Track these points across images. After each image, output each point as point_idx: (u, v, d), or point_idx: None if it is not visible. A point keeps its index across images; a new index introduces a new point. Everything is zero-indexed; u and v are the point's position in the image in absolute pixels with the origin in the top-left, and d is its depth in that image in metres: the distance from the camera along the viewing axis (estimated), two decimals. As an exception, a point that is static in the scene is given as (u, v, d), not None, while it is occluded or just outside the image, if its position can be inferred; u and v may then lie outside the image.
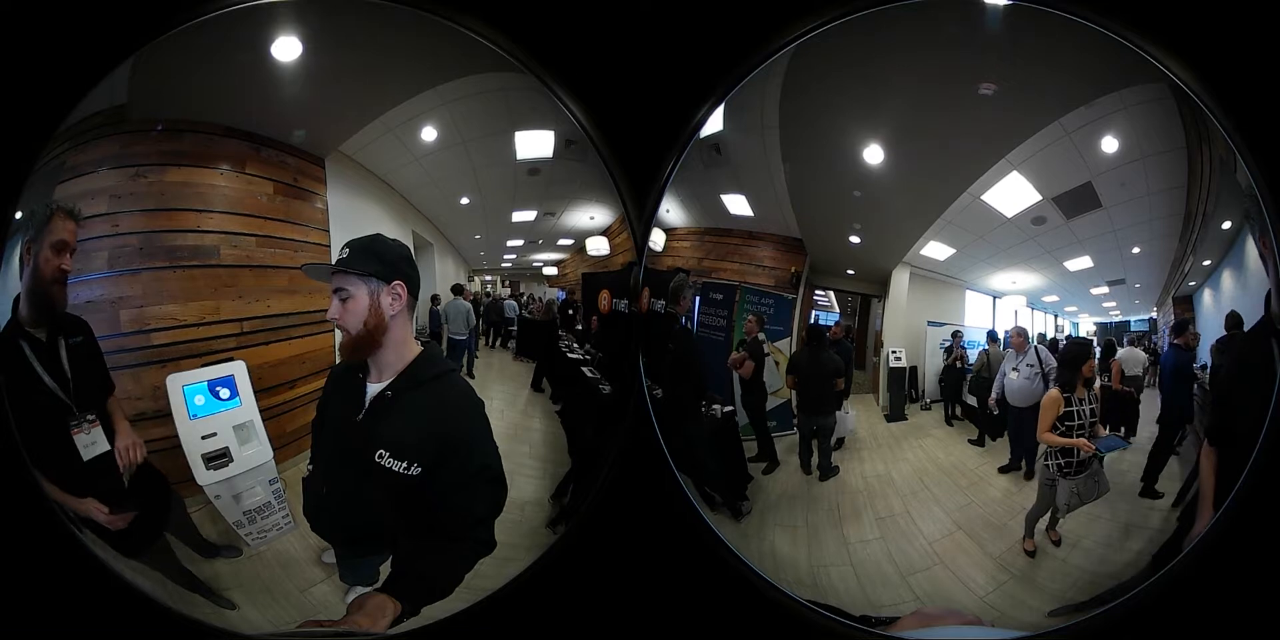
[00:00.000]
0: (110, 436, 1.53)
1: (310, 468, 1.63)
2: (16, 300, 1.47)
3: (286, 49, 1.51)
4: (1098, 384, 1.64)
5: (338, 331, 1.57)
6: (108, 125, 1.48)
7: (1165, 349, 1.58)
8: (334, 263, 1.54)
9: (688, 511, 1.65)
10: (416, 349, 1.61)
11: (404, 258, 1.60)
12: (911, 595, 1.58)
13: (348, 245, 1.55)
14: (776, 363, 1.82)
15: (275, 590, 1.57)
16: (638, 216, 1.71)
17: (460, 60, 1.63)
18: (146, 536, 1.56)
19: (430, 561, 1.57)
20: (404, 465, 1.51)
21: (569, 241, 1.83)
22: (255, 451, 1.59)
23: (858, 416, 1.79)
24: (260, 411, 1.58)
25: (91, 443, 1.52)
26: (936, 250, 1.65)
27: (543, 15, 1.63)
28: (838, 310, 1.80)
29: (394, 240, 1.60)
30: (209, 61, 1.53)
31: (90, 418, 1.52)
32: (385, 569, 1.57)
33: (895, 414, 1.79)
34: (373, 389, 1.58)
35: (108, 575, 1.52)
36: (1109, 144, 1.48)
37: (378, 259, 1.55)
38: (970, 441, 1.70)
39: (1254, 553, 1.47)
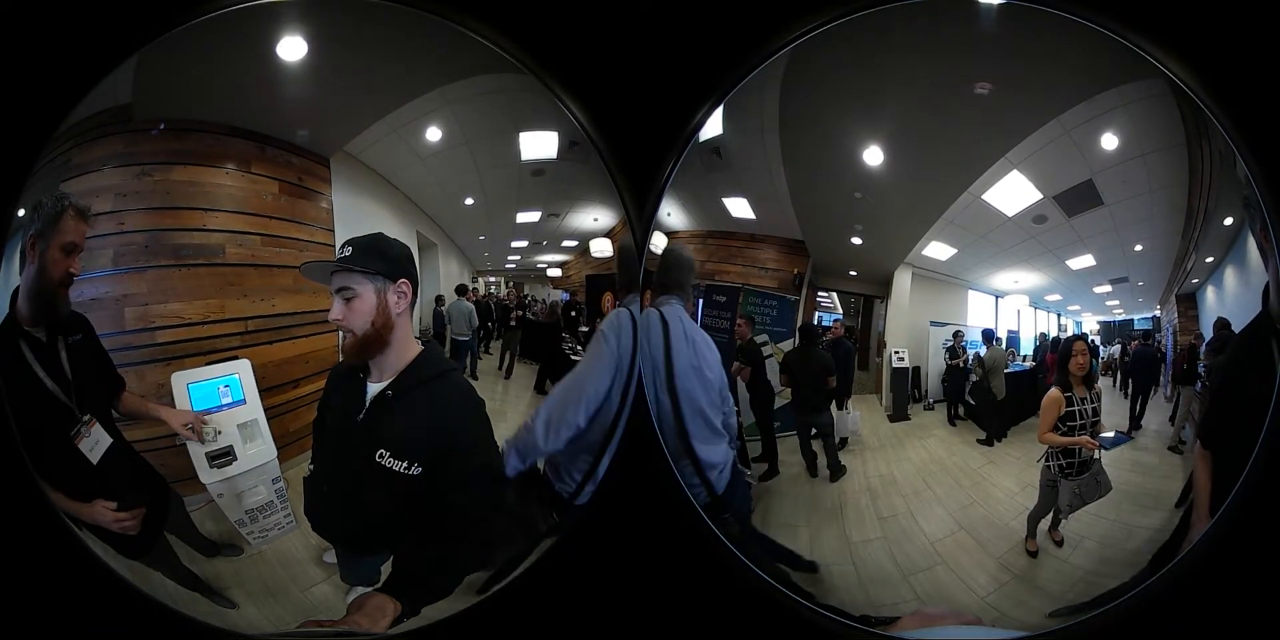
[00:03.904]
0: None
1: (311, 468, 1.62)
2: (14, 297, 1.46)
3: (291, 49, 1.51)
4: (1100, 384, 1.64)
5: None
6: (112, 124, 1.48)
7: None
8: (336, 261, 1.53)
9: (688, 511, 1.64)
10: (417, 348, 1.60)
11: (407, 256, 1.59)
12: (913, 595, 1.57)
13: (350, 243, 1.54)
14: (779, 363, 1.82)
15: (276, 590, 1.58)
16: (638, 218, 1.71)
17: (463, 61, 1.62)
18: (148, 538, 1.56)
19: (431, 562, 1.56)
20: (405, 465, 1.50)
21: (573, 243, 1.82)
22: (259, 450, 1.60)
23: (861, 417, 1.79)
24: (264, 410, 1.59)
25: (95, 444, 1.51)
26: (938, 250, 1.65)
27: (543, 16, 1.63)
28: (840, 311, 1.80)
29: (395, 239, 1.59)
30: (213, 61, 1.53)
31: (86, 418, 1.50)
32: (386, 569, 1.56)
33: (898, 414, 1.79)
34: (373, 388, 1.57)
35: (106, 575, 1.52)
36: (1109, 141, 1.47)
37: (382, 257, 1.54)
38: (979, 441, 1.69)
39: (1254, 554, 1.46)
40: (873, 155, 1.57)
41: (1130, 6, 1.46)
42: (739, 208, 1.73)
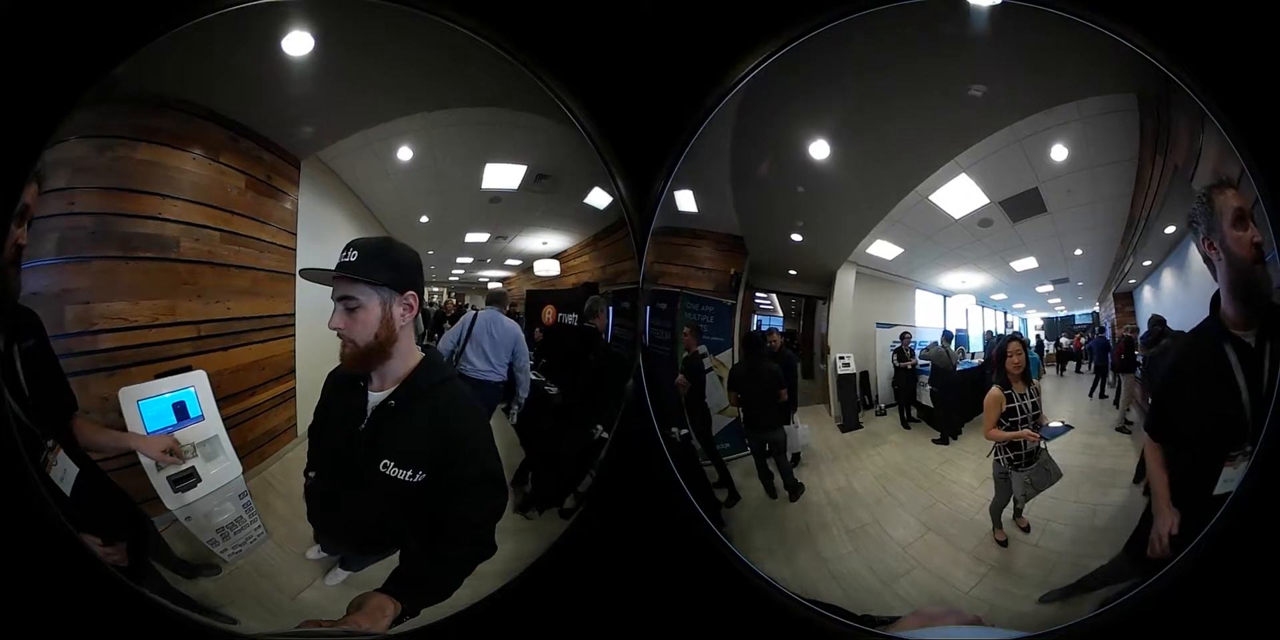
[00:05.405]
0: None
1: (311, 475, 1.57)
2: None
3: (295, 45, 1.49)
4: (1038, 380, 1.69)
5: (298, 335, 1.55)
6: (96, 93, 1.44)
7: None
8: (339, 267, 1.47)
9: (686, 510, 1.64)
10: (419, 355, 1.57)
11: (416, 265, 1.56)
12: (900, 601, 1.56)
13: (355, 247, 1.49)
14: (720, 377, 1.79)
15: (266, 601, 1.51)
16: (638, 217, 1.71)
17: (455, 71, 1.64)
18: (140, 567, 1.48)
19: (431, 564, 1.53)
20: (409, 474, 1.48)
21: (518, 262, 1.82)
22: (222, 469, 1.51)
23: (811, 430, 1.78)
24: (223, 420, 1.50)
25: (64, 473, 1.41)
26: (884, 249, 1.66)
27: (545, 18, 1.65)
28: (780, 314, 1.79)
29: (403, 244, 1.56)
30: (213, 49, 1.50)
31: (50, 445, 1.39)
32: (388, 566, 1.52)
33: (849, 423, 1.78)
34: (374, 398, 1.53)
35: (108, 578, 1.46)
36: (1059, 152, 1.51)
37: (392, 266, 1.50)
38: (934, 441, 1.71)
39: (1253, 553, 1.49)
40: (819, 149, 1.59)
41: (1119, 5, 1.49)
42: (684, 200, 1.71)
